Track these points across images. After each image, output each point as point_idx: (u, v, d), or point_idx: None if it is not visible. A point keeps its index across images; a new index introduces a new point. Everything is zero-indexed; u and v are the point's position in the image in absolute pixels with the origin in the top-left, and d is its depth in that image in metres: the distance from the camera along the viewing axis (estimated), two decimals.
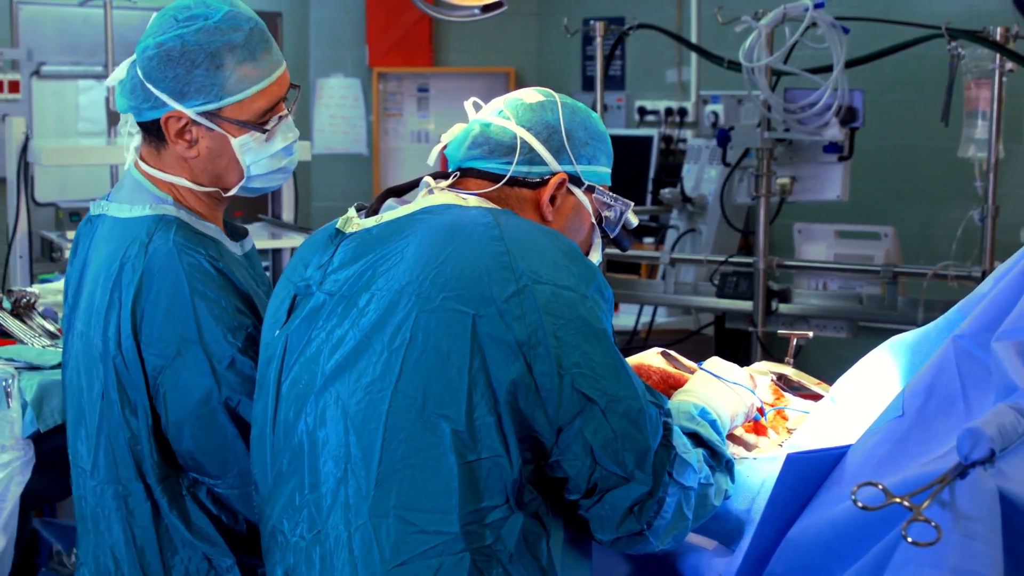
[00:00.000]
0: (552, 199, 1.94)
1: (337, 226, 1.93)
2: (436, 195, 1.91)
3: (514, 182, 1.93)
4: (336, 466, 1.79)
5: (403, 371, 1.74)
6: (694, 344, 5.07)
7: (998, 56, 3.90)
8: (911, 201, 5.63)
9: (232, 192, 2.19)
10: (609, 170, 2.02)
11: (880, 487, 1.35)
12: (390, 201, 1.96)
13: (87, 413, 2.11)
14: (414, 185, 1.99)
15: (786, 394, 2.50)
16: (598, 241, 2.03)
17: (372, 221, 1.90)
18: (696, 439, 1.91)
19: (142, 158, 2.18)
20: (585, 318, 1.74)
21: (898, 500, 1.33)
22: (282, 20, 7.01)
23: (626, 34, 4.66)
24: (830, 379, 2.54)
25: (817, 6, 4.03)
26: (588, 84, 6.92)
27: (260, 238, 4.69)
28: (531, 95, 1.99)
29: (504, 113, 1.96)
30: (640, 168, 6.30)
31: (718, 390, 2.08)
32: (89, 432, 2.11)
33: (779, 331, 2.75)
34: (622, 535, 1.80)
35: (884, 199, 5.67)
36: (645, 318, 5.05)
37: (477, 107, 2.02)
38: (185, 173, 2.15)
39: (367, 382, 1.77)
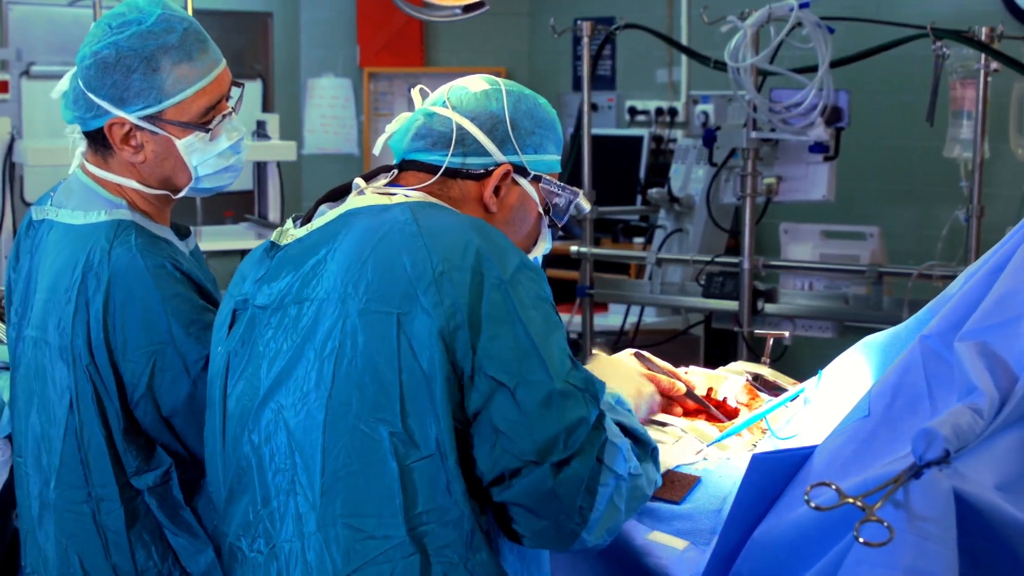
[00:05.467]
0: (497, 190, 1.91)
1: (272, 239, 1.92)
2: (363, 196, 1.88)
3: (457, 174, 1.90)
4: (284, 479, 1.78)
5: (336, 379, 1.73)
6: (681, 344, 5.07)
7: (983, 56, 3.89)
8: (900, 201, 5.63)
9: (182, 194, 2.20)
10: (558, 158, 1.99)
11: (833, 487, 1.34)
12: (323, 207, 1.93)
13: (54, 421, 2.10)
14: (349, 188, 1.96)
15: (761, 394, 2.50)
16: (546, 231, 2.01)
17: (304, 230, 1.88)
18: (621, 429, 1.86)
19: (89, 162, 2.18)
20: (497, 301, 1.71)
21: (851, 500, 1.32)
22: (272, 20, 7.01)
23: (613, 34, 4.65)
24: None
25: (802, 6, 4.02)
26: (579, 84, 6.90)
27: (247, 238, 4.70)
28: (476, 83, 1.96)
29: (448, 103, 1.93)
30: (630, 168, 6.31)
31: (620, 378, 2.11)
32: (54, 440, 2.10)
33: (755, 331, 2.76)
34: (542, 529, 1.75)
35: (873, 199, 5.68)
36: (633, 317, 5.05)
37: (424, 94, 1.99)
38: (134, 176, 2.16)
39: (303, 392, 1.76)
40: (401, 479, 1.71)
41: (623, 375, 2.15)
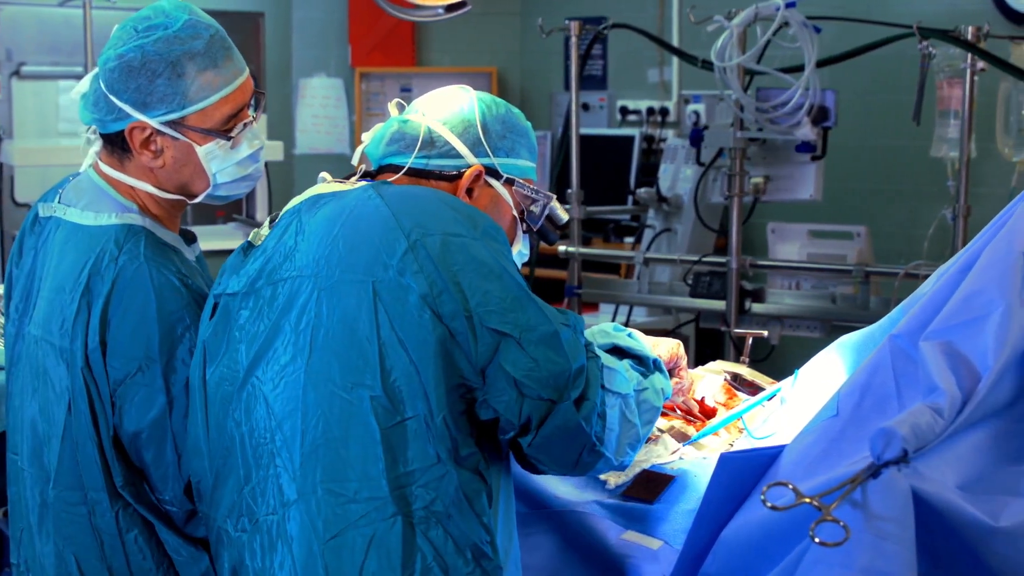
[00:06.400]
0: (470, 192, 1.97)
1: (249, 239, 1.99)
2: (326, 184, 1.96)
3: (430, 175, 1.96)
4: (264, 452, 1.83)
5: (313, 349, 1.79)
6: None
7: (970, 55, 3.89)
8: (887, 201, 5.63)
9: (198, 200, 2.20)
10: (532, 164, 2.05)
11: (791, 487, 1.34)
12: None
13: (54, 421, 2.09)
14: None
15: (739, 393, 2.51)
16: (520, 234, 2.06)
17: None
18: (618, 352, 1.97)
19: (103, 162, 2.17)
20: (479, 259, 1.78)
21: (808, 500, 1.32)
22: (264, 20, 6.99)
23: (601, 34, 4.65)
24: None
25: (789, 5, 4.02)
26: (570, 84, 6.91)
27: (235, 238, 4.71)
28: (449, 92, 2.04)
29: (421, 110, 2.01)
30: (622, 168, 6.30)
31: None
32: (53, 440, 2.09)
33: (734, 331, 2.76)
34: (571, 461, 1.85)
35: (860, 199, 5.67)
36: (623, 317, 5.05)
37: (400, 108, 2.06)
38: (150, 180, 2.15)
39: (281, 366, 1.82)
40: (384, 441, 1.75)
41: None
